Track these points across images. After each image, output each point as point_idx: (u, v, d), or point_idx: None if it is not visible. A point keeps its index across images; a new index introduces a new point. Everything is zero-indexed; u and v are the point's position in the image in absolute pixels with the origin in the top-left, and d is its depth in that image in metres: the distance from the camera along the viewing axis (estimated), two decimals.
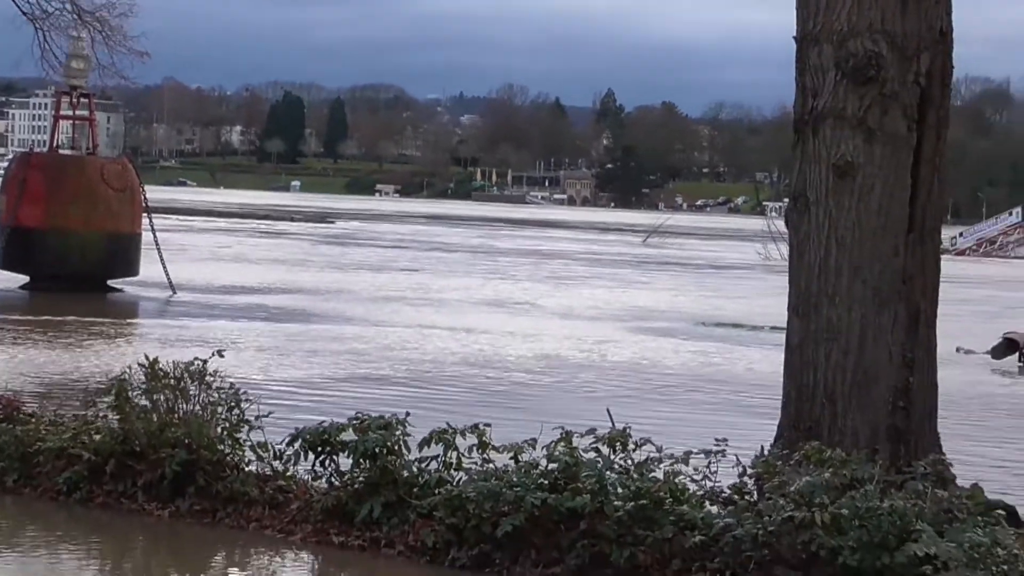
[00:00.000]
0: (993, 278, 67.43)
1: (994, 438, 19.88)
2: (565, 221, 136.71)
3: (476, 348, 27.47)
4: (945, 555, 9.92)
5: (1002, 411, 22.98)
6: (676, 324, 35.37)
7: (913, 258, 12.31)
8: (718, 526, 10.73)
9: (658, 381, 24.17)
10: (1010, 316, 39.56)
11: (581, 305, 39.82)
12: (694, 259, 73.73)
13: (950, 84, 12.59)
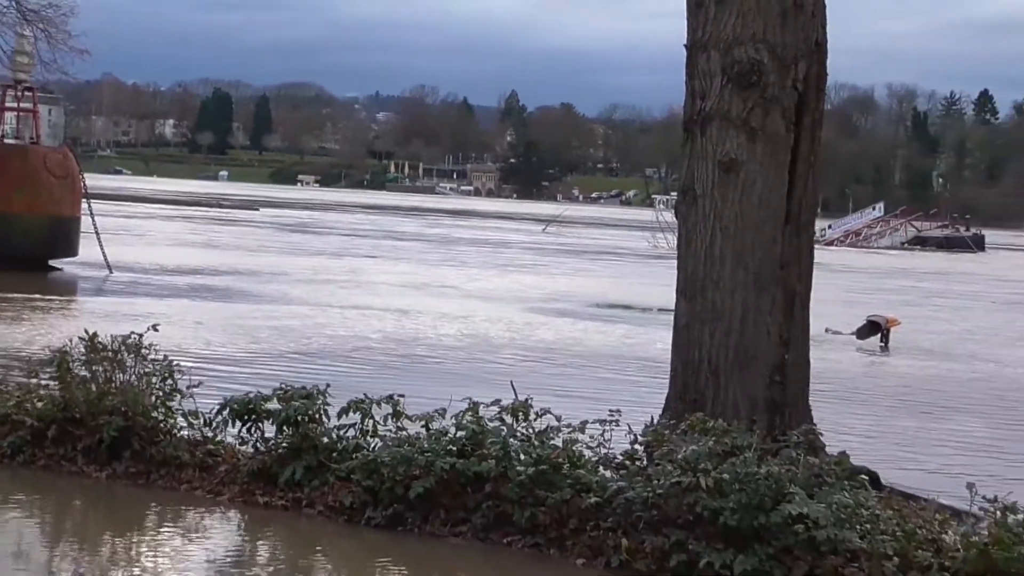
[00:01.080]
0: (858, 266, 68.02)
1: (858, 410, 20.06)
2: (477, 210, 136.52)
3: (399, 327, 27.38)
4: (815, 515, 10.01)
5: (865, 386, 23.18)
6: (573, 306, 35.40)
7: (790, 247, 12.42)
8: (612, 489, 10.76)
9: (558, 357, 24.19)
10: (873, 300, 39.91)
11: (489, 288, 39.80)
12: (590, 247, 73.87)
13: (824, 90, 12.71)
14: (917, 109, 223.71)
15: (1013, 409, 21.54)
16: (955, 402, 21.89)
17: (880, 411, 20.42)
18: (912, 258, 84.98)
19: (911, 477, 14.31)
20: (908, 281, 58.47)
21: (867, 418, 19.45)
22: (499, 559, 10.77)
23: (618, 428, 11.58)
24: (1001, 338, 33.70)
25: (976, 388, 23.75)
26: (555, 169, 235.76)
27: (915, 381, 24.26)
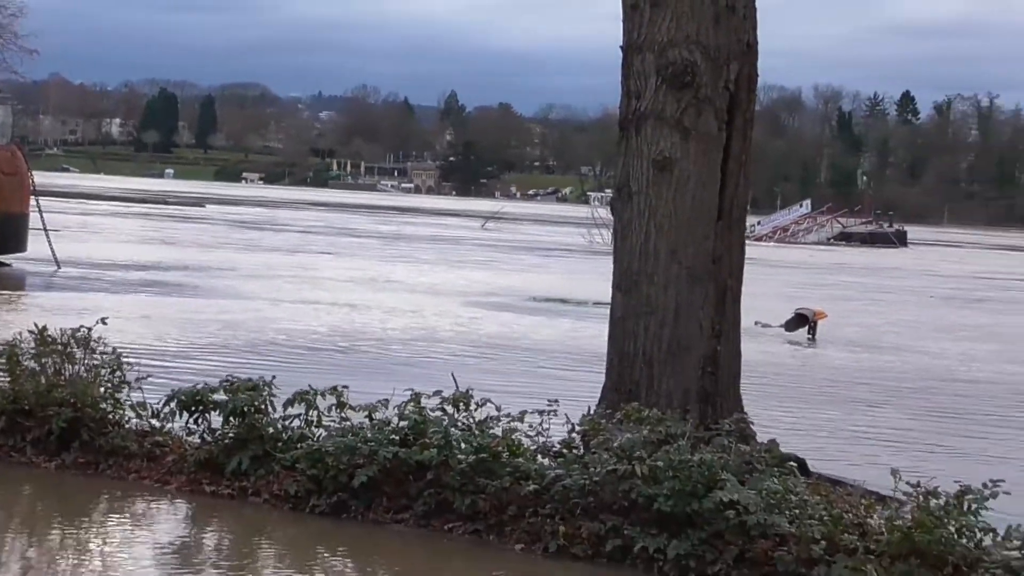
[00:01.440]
0: (786, 261, 68.40)
1: (787, 400, 20.18)
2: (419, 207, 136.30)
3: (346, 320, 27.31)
4: (746, 501, 10.07)
5: (793, 377, 23.32)
6: (513, 300, 35.41)
7: (722, 242, 12.48)
8: (550, 477, 10.78)
9: (497, 349, 24.21)
10: (801, 294, 40.15)
11: (431, 283, 39.73)
12: (527, 242, 73.90)
13: (755, 90, 12.78)
14: (842, 109, 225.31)
15: (936, 399, 21.73)
16: (880, 392, 22.04)
17: (808, 401, 20.55)
18: (838, 253, 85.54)
19: (838, 464, 14.40)
20: (835, 275, 58.89)
21: (796, 407, 19.57)
22: (440, 545, 10.77)
23: (556, 418, 11.60)
24: (925, 330, 34.00)
25: (901, 379, 23.94)
26: (493, 167, 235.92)
27: (841, 372, 24.42)
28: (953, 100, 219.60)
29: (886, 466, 10.70)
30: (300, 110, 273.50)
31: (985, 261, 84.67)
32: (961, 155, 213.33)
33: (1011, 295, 52.64)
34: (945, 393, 22.41)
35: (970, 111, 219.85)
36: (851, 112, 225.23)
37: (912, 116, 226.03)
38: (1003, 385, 23.89)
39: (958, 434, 18.35)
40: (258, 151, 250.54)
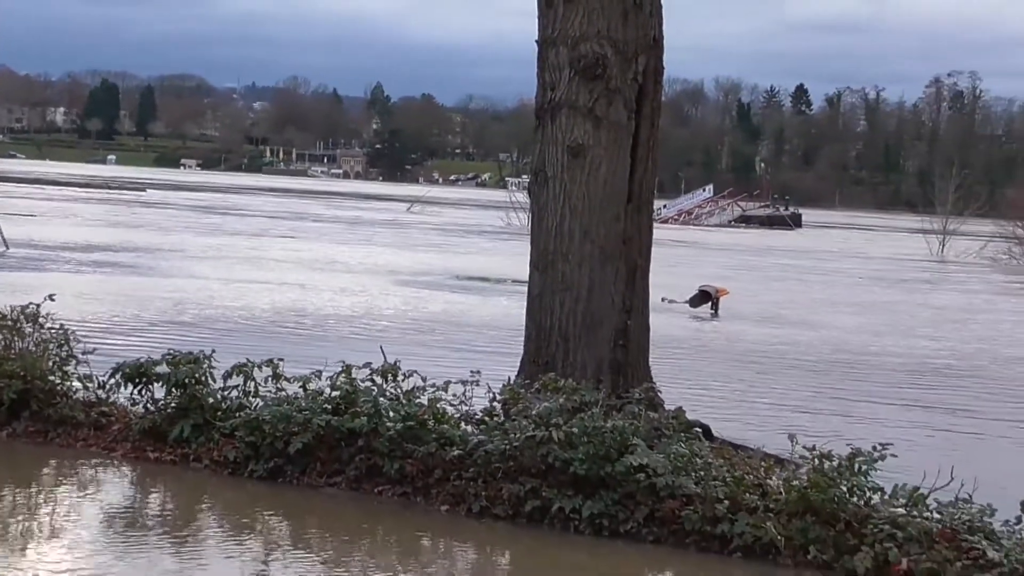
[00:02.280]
0: (690, 241, 68.74)
1: (692, 370, 20.30)
2: (349, 192, 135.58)
3: (284, 298, 27.17)
4: (655, 464, 10.14)
5: (697, 349, 23.47)
6: (436, 278, 35.39)
7: (632, 223, 12.53)
8: (472, 442, 10.81)
9: (424, 324, 24.19)
10: (704, 272, 40.37)
11: (362, 263, 39.63)
12: (450, 224, 73.79)
13: (661, 82, 12.82)
14: (741, 101, 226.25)
15: (830, 370, 21.94)
16: (778, 363, 22.24)
17: (712, 371, 20.69)
18: (738, 235, 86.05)
19: (739, 430, 14.51)
20: (736, 255, 59.25)
21: (700, 377, 19.69)
22: (370, 507, 10.77)
23: (478, 388, 11.62)
24: (820, 306, 34.28)
25: (797, 351, 24.15)
26: (417, 154, 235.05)
27: (741, 344, 24.59)
28: (843, 93, 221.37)
29: (784, 431, 10.80)
30: (235, 100, 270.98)
31: (875, 242, 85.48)
32: (851, 143, 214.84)
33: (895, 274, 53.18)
34: (839, 364, 22.62)
35: (859, 103, 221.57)
36: (750, 103, 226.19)
37: (806, 107, 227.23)
38: (894, 358, 24.15)
39: (850, 401, 18.54)
40: (195, 139, 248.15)
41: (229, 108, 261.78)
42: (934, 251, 69.37)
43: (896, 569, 9.38)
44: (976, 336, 28.66)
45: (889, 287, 44.24)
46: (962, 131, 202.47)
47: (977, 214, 75.06)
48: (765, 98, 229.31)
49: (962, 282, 49.36)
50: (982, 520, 9.65)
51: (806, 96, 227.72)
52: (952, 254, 67.67)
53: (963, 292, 43.85)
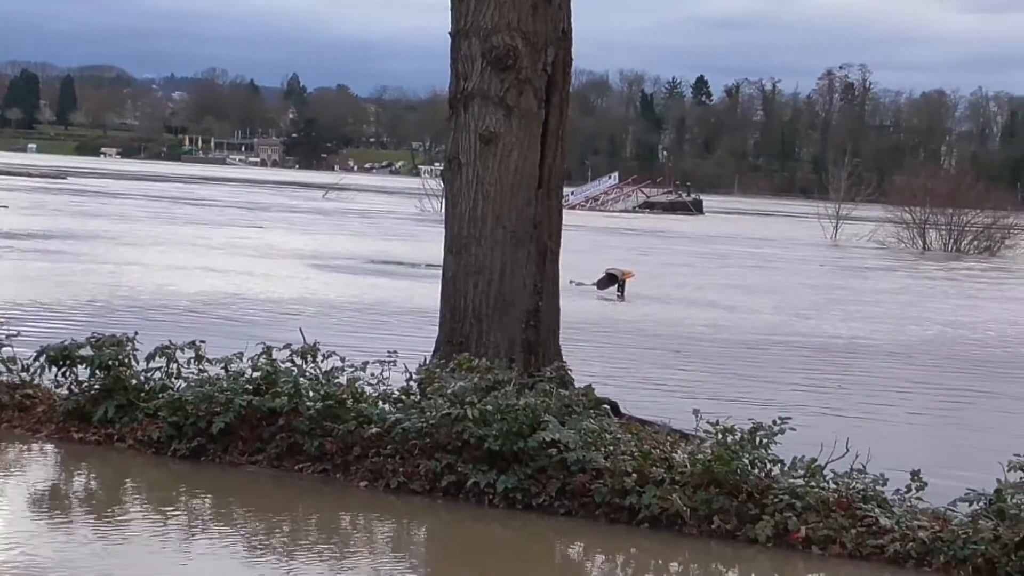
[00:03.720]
0: (597, 227, 68.95)
1: (600, 349, 20.39)
2: (266, 179, 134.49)
3: (208, 283, 26.93)
4: (566, 440, 10.18)
5: (605, 329, 23.56)
6: (352, 263, 35.26)
7: (542, 208, 12.55)
8: (390, 420, 10.78)
9: (342, 307, 24.09)
10: (609, 255, 40.53)
11: (279, 247, 39.36)
12: (365, 211, 73.49)
13: (570, 72, 12.85)
14: (645, 92, 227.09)
15: (734, 349, 22.10)
16: (681, 342, 22.38)
17: (619, 350, 20.78)
18: (643, 220, 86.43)
19: (647, 406, 14.56)
20: (640, 239, 59.52)
21: (609, 356, 19.78)
22: (291, 483, 10.73)
23: (395, 368, 11.61)
24: (720, 287, 34.53)
25: (700, 330, 24.32)
26: (333, 143, 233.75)
27: (647, 324, 24.73)
28: (741, 84, 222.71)
29: (689, 407, 10.87)
30: (154, 91, 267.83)
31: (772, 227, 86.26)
32: (749, 133, 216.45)
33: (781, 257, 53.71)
34: (741, 343, 22.81)
35: (756, 94, 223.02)
36: (652, 94, 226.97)
37: (706, 98, 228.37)
38: (796, 337, 24.38)
39: (752, 378, 18.70)
40: (115, 128, 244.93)
41: (148, 98, 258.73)
42: (827, 235, 70.10)
43: (795, 537, 9.50)
44: (873, 315, 29.00)
45: (787, 269, 44.69)
46: (853, 121, 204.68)
47: (867, 200, 75.86)
48: (667, 89, 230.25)
49: (857, 264, 49.93)
50: (875, 489, 9.80)
51: (706, 87, 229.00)
52: (844, 238, 68.43)
53: (859, 274, 44.35)
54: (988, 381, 20.12)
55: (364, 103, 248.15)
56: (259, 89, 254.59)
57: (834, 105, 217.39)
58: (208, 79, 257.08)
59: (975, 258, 60.42)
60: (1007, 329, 27.72)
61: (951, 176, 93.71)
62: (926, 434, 15.48)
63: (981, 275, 47.58)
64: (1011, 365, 22.12)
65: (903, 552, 9.29)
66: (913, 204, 66.71)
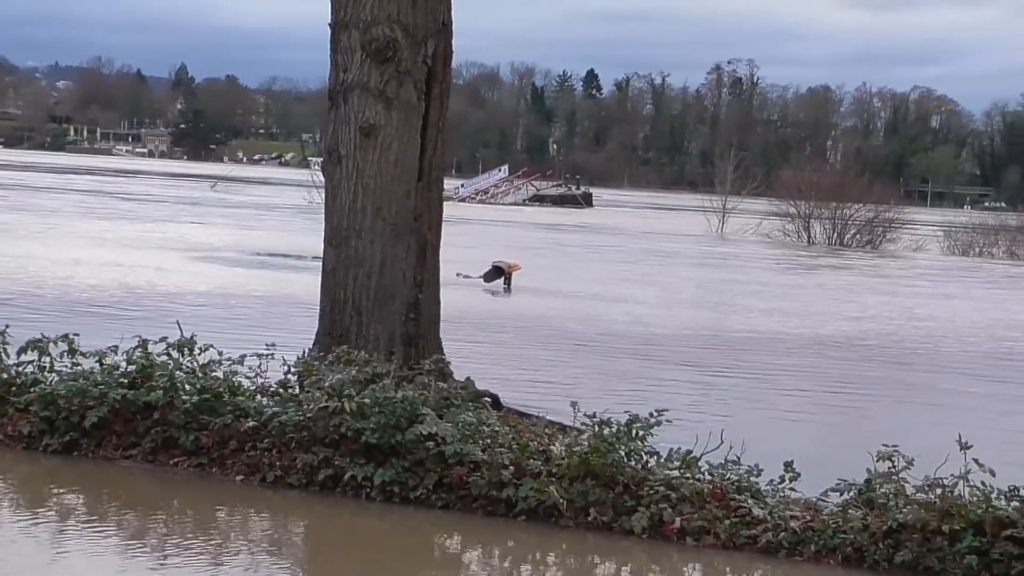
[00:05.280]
0: (486, 219, 69.00)
1: (484, 342, 20.41)
2: (154, 171, 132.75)
3: (86, 275, 26.53)
4: (444, 432, 10.19)
5: (490, 322, 23.59)
6: (238, 255, 34.96)
7: (422, 200, 12.52)
8: (267, 414, 10.71)
9: (222, 299, 23.89)
10: (497, 248, 40.56)
11: (161, 239, 38.88)
12: (253, 203, 72.86)
13: (450, 65, 12.81)
14: (535, 84, 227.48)
15: (618, 341, 22.23)
16: (565, 334, 22.46)
17: (502, 342, 20.83)
18: (532, 213, 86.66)
19: (527, 399, 14.60)
20: (529, 232, 59.66)
21: (491, 348, 19.81)
22: (166, 478, 10.61)
23: (274, 360, 11.52)
24: (608, 280, 34.72)
25: (585, 323, 24.43)
26: (221, 134, 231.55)
27: (532, 317, 24.80)
28: (631, 78, 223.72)
29: (568, 400, 10.90)
30: (37, 79, 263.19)
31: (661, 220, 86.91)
32: (638, 126, 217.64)
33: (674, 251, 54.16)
34: (625, 336, 22.96)
35: (646, 88, 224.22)
36: (543, 87, 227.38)
37: (596, 91, 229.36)
38: (680, 330, 24.58)
39: (634, 370, 18.83)
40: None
41: (32, 87, 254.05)
42: (714, 228, 70.81)
43: (670, 528, 9.58)
44: (758, 308, 29.34)
45: (674, 262, 45.06)
46: (741, 115, 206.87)
47: (754, 194, 76.70)
48: (558, 82, 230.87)
49: (742, 257, 50.47)
50: (749, 480, 9.91)
51: (597, 81, 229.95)
52: (731, 231, 69.17)
53: (742, 267, 44.85)
54: (870, 372, 20.45)
55: (253, 94, 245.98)
56: (146, 79, 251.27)
57: (722, 99, 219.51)
58: (94, 68, 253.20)
59: (856, 251, 61.39)
60: (886, 322, 28.20)
61: (836, 170, 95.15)
62: (804, 425, 15.69)
63: (859, 267, 48.31)
64: (892, 356, 22.49)
65: (775, 542, 9.42)
66: (798, 198, 67.63)
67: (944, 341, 25.18)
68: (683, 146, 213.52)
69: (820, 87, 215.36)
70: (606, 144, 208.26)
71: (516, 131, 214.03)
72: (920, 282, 42.71)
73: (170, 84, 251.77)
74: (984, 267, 55.32)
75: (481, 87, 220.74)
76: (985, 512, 9.10)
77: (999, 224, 70.54)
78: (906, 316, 29.64)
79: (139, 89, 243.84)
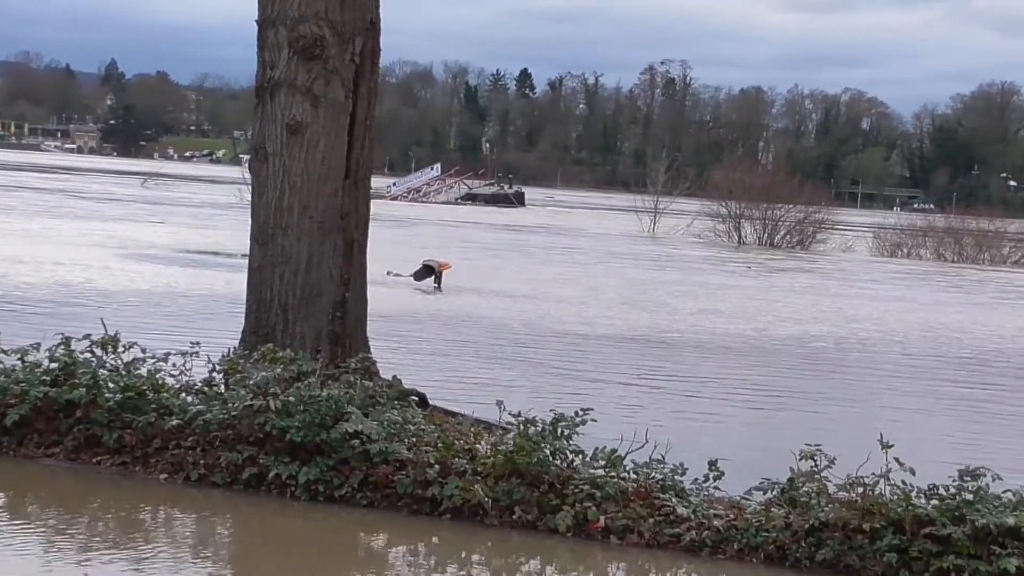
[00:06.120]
0: (417, 218, 68.93)
1: (413, 340, 20.39)
2: (85, 167, 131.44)
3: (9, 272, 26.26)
4: (369, 431, 10.18)
5: (420, 321, 23.56)
6: (167, 252, 34.70)
7: (349, 199, 12.51)
8: (192, 412, 10.66)
9: (150, 297, 23.70)
10: (428, 246, 40.51)
11: (89, 237, 38.53)
12: (183, 200, 72.32)
13: (378, 63, 12.80)
14: (469, 83, 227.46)
15: (547, 340, 22.28)
16: (495, 333, 22.49)
17: (432, 341, 20.80)
18: (464, 212, 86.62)
19: (455, 397, 14.61)
20: (461, 231, 59.63)
21: (422, 347, 19.79)
22: (89, 476, 10.53)
23: (199, 358, 11.47)
24: (539, 279, 34.77)
25: (514, 322, 24.46)
26: (152, 130, 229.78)
27: (462, 316, 24.79)
28: (565, 78, 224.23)
29: (497, 398, 10.92)
30: None
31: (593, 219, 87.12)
32: (571, 126, 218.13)
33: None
34: (555, 335, 23.00)
35: (579, 87, 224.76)
36: (477, 86, 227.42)
37: (529, 91, 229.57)
38: (608, 328, 24.66)
39: (563, 369, 18.88)
40: None
41: None
42: (646, 228, 71.12)
43: (594, 526, 9.63)
44: (688, 308, 29.49)
45: (605, 261, 45.20)
46: (673, 116, 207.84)
47: (686, 194, 77.11)
48: (491, 81, 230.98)
49: (673, 257, 50.72)
50: (673, 479, 9.97)
51: (530, 80, 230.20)
52: (662, 231, 69.50)
53: (675, 267, 45.07)
54: (796, 372, 20.63)
55: (184, 90, 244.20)
56: (75, 74, 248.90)
57: (655, 100, 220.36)
58: (22, 63, 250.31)
59: (786, 251, 61.85)
60: (815, 322, 28.44)
61: (767, 171, 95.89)
62: (729, 424, 15.80)
63: (790, 269, 48.70)
64: (819, 356, 22.69)
65: (699, 540, 9.49)
66: (729, 199, 68.04)
67: (871, 341, 25.43)
68: (616, 146, 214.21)
69: (752, 88, 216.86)
70: (539, 143, 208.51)
71: (449, 130, 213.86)
72: (849, 283, 43.10)
73: (100, 80, 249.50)
74: (913, 268, 55.92)
75: (414, 86, 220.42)
76: (905, 511, 9.22)
77: (927, 226, 71.28)
78: (836, 317, 29.90)
79: (68, 84, 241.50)
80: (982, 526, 8.95)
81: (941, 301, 37.74)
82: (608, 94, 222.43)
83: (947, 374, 21.81)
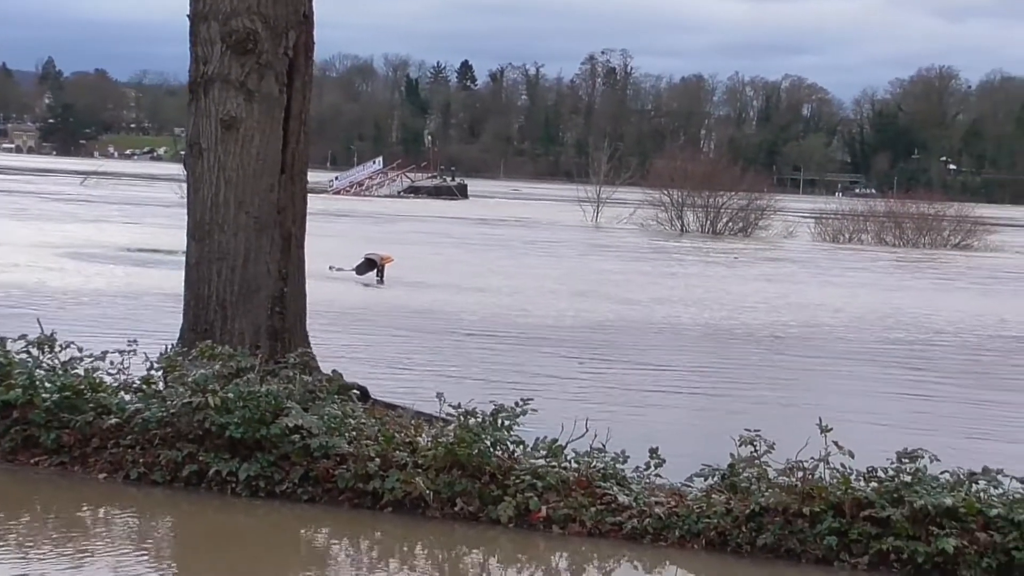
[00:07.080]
0: (359, 212, 68.77)
1: (355, 335, 20.36)
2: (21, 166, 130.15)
3: None
4: (309, 425, 10.15)
5: (361, 314, 23.53)
6: (106, 251, 34.45)
7: (285, 193, 12.45)
8: (130, 410, 10.60)
9: (88, 296, 23.53)
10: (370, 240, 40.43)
11: (26, 236, 38.17)
12: (124, 198, 71.77)
13: (312, 56, 12.74)
14: (410, 76, 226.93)
15: (489, 332, 22.29)
16: (437, 326, 22.48)
17: (373, 334, 20.78)
18: (407, 205, 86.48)
19: (397, 390, 14.58)
20: (403, 224, 59.54)
21: (364, 340, 19.76)
22: (27, 477, 10.44)
23: (136, 356, 11.38)
24: (482, 271, 34.79)
25: (456, 315, 24.46)
26: (91, 128, 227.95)
27: (404, 309, 24.77)
28: (506, 69, 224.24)
29: (439, 390, 10.91)
30: None
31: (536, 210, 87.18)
32: (513, 117, 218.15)
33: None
34: (497, 327, 23.02)
35: (520, 79, 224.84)
36: (418, 79, 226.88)
37: (471, 83, 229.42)
38: (551, 319, 24.69)
39: (504, 360, 18.90)
40: None
41: None
42: (589, 218, 71.25)
43: (535, 516, 9.64)
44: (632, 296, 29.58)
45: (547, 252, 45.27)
46: (615, 105, 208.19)
47: (628, 183, 77.33)
48: (432, 74, 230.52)
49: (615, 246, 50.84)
50: (615, 467, 9.99)
51: (471, 72, 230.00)
52: (605, 221, 69.65)
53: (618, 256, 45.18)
54: (737, 358, 20.74)
55: (124, 88, 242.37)
56: (12, 72, 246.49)
57: (596, 90, 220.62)
58: None
59: (729, 239, 62.16)
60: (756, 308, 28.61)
61: (708, 159, 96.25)
62: (671, 411, 15.86)
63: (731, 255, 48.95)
64: (760, 341, 22.81)
65: (640, 528, 9.51)
66: (671, 187, 68.27)
67: (813, 326, 25.60)
68: (558, 136, 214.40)
69: (693, 77, 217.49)
70: (481, 135, 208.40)
71: (391, 123, 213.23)
72: (791, 268, 43.38)
73: (37, 78, 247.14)
74: (853, 253, 56.31)
75: (355, 80, 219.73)
76: (844, 494, 9.28)
77: (868, 211, 71.78)
78: (778, 302, 30.08)
79: (4, 83, 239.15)
80: (920, 507, 9.03)
81: (884, 285, 38.02)
82: (549, 85, 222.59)
83: (890, 358, 21.97)
